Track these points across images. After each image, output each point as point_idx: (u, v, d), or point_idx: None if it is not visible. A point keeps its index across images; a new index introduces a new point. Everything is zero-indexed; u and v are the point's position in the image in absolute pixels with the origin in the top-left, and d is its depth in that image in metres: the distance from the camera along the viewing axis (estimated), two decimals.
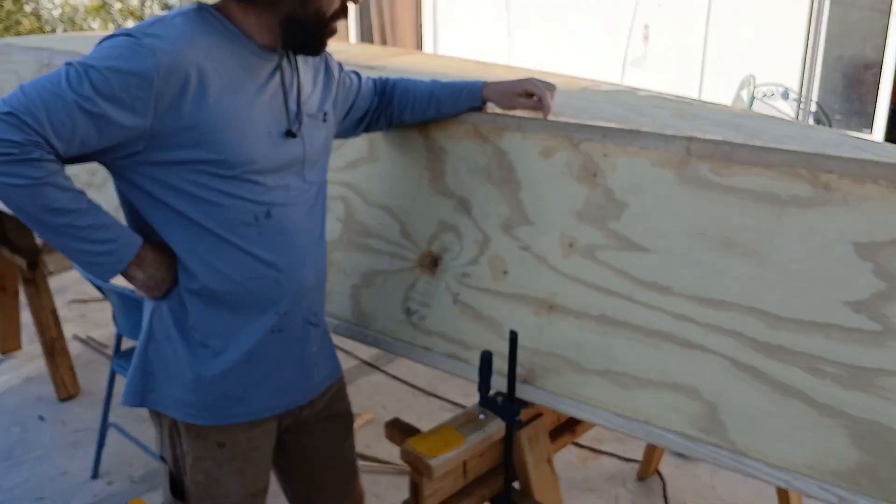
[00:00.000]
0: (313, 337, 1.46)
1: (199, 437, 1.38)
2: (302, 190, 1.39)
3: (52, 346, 3.09)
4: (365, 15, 7.33)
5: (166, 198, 1.27)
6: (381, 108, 1.67)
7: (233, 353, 1.35)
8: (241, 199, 1.29)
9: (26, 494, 2.57)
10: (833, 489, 1.17)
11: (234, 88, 1.26)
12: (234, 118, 1.26)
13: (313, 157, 1.42)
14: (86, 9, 9.35)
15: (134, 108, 1.17)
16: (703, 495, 2.51)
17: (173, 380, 1.36)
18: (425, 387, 3.22)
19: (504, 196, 1.58)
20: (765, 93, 4.78)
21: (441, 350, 1.58)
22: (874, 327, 1.18)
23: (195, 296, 1.33)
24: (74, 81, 1.14)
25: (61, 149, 1.15)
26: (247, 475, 1.44)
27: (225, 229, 1.29)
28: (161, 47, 1.17)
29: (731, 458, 1.25)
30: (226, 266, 1.31)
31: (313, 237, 1.43)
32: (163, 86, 1.17)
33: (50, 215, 1.17)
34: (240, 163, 1.27)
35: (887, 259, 1.19)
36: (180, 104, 1.20)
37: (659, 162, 1.41)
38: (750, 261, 1.29)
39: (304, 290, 1.41)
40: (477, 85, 1.63)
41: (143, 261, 1.29)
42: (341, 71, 1.57)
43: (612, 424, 1.36)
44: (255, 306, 1.35)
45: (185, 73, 1.19)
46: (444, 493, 1.48)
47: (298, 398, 1.47)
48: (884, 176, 1.22)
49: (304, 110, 1.38)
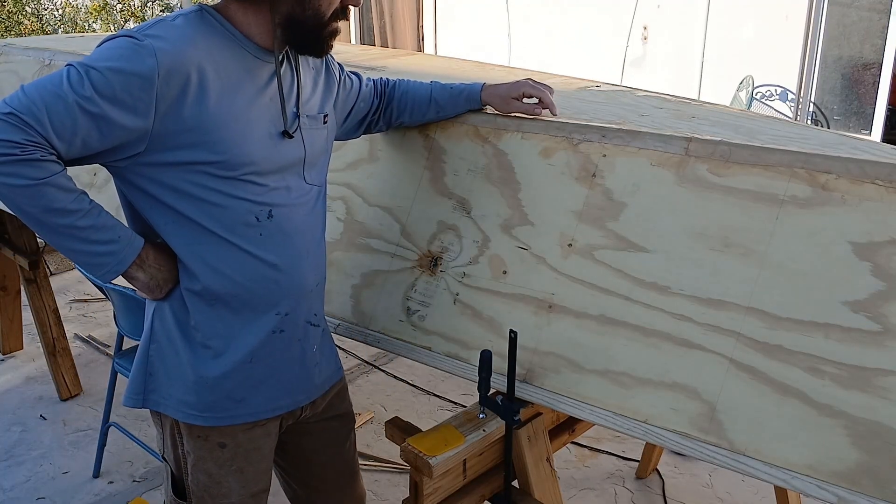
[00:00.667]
0: (314, 337, 1.47)
1: (201, 437, 1.39)
2: (303, 191, 1.39)
3: (54, 346, 3.09)
4: (365, 15, 7.33)
5: (167, 199, 1.27)
6: (380, 110, 1.67)
7: (234, 354, 1.36)
8: (242, 200, 1.30)
9: (27, 494, 2.57)
10: (832, 489, 1.17)
11: (234, 89, 1.26)
12: (235, 119, 1.26)
13: (314, 158, 1.42)
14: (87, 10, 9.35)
15: (135, 109, 1.17)
16: (702, 495, 2.52)
17: (175, 381, 1.36)
18: (425, 386, 3.23)
19: (504, 196, 1.58)
20: (763, 93, 4.78)
21: (441, 350, 1.58)
22: (873, 327, 1.19)
23: (197, 296, 1.33)
24: (76, 82, 1.14)
25: (63, 150, 1.16)
26: (248, 475, 1.44)
27: (226, 230, 1.30)
28: (162, 48, 1.17)
29: (730, 457, 1.25)
30: (227, 267, 1.31)
31: (314, 238, 1.43)
32: (164, 87, 1.17)
33: (51, 216, 1.17)
34: (240, 164, 1.27)
35: (886, 259, 1.20)
36: (181, 105, 1.20)
37: (658, 162, 1.42)
38: (749, 261, 1.30)
39: (305, 290, 1.41)
40: (475, 88, 1.64)
41: (145, 262, 1.29)
42: (342, 73, 1.58)
43: (611, 424, 1.36)
44: (256, 307, 1.36)
45: (186, 74, 1.19)
46: (443, 491, 1.48)
47: (300, 398, 1.47)
48: (882, 176, 1.22)
49: (303, 112, 1.39)
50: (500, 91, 1.61)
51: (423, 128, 1.72)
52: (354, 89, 1.60)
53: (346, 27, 7.38)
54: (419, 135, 1.73)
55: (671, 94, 2.02)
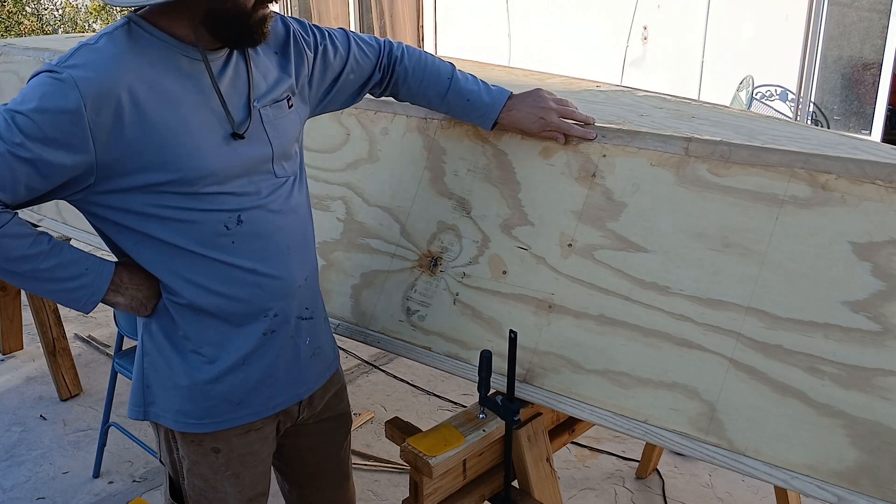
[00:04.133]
0: (306, 330, 1.43)
1: (194, 442, 1.37)
2: (274, 186, 1.33)
3: (54, 346, 3.09)
4: (365, 15, 7.34)
5: (132, 223, 1.23)
6: (383, 85, 1.58)
7: (227, 360, 1.33)
8: (208, 212, 1.25)
9: (27, 494, 2.57)
10: (832, 489, 1.17)
11: (174, 101, 1.20)
12: (182, 132, 1.19)
13: (284, 149, 1.35)
14: (87, 10, 9.35)
15: (71, 146, 1.12)
16: (702, 495, 2.52)
17: (169, 391, 1.34)
18: (425, 386, 3.23)
19: (504, 196, 1.58)
20: (763, 93, 4.78)
21: (441, 350, 1.58)
22: (873, 327, 1.19)
23: (183, 308, 1.30)
24: (3, 130, 1.10)
25: (8, 199, 1.13)
26: (244, 479, 1.43)
27: (197, 244, 1.25)
28: (84, 77, 1.12)
29: (730, 457, 1.25)
30: (206, 280, 1.28)
31: (296, 231, 1.37)
32: (94, 117, 1.12)
33: (12, 264, 1.16)
34: (197, 178, 1.21)
35: (886, 259, 1.20)
36: (119, 130, 1.15)
37: (658, 162, 1.42)
38: (748, 261, 1.30)
39: (293, 288, 1.37)
40: (495, 109, 1.55)
41: (120, 286, 1.27)
42: (321, 39, 1.46)
43: (611, 424, 1.36)
44: (243, 314, 1.32)
45: (116, 98, 1.14)
46: (443, 491, 1.48)
47: (299, 391, 1.45)
48: (882, 176, 1.22)
49: (263, 103, 1.30)
50: (522, 125, 1.54)
51: (423, 128, 1.72)
52: (339, 57, 1.48)
53: (347, 27, 7.39)
54: (419, 135, 1.73)
55: (671, 94, 2.02)
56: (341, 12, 7.49)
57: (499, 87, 1.57)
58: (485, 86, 1.57)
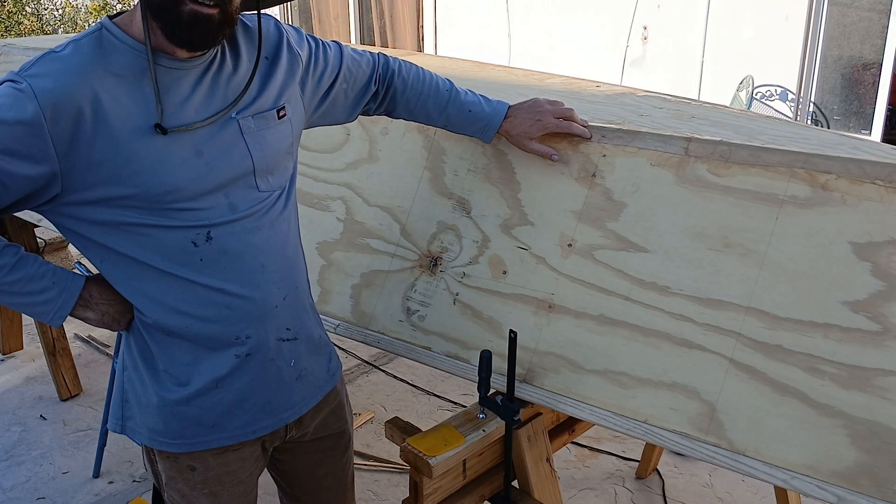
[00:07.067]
0: (289, 352, 1.35)
1: (170, 458, 1.34)
2: (253, 202, 1.26)
3: (54, 346, 3.09)
4: (365, 15, 7.33)
5: (97, 237, 1.19)
6: (378, 101, 1.54)
7: (197, 382, 1.28)
8: (174, 229, 1.19)
9: (27, 494, 2.57)
10: (832, 489, 1.17)
11: (140, 112, 1.14)
12: (146, 145, 1.14)
13: (269, 162, 1.28)
14: (87, 10, 9.35)
15: (32, 157, 1.09)
16: (702, 494, 2.52)
17: (144, 408, 1.31)
18: (425, 386, 3.23)
19: (504, 196, 1.58)
20: (763, 93, 4.78)
21: (441, 350, 1.58)
22: (873, 327, 1.19)
23: (151, 328, 1.26)
24: None
25: None
26: (223, 499, 1.38)
27: (163, 261, 1.21)
28: (43, 87, 1.08)
29: (730, 457, 1.25)
30: (172, 299, 1.23)
31: (274, 249, 1.30)
32: (54, 127, 1.09)
33: None
34: (161, 193, 1.16)
35: (885, 259, 1.20)
36: (80, 141, 1.11)
37: (658, 162, 1.42)
38: (748, 261, 1.30)
39: (267, 309, 1.29)
40: (497, 118, 1.53)
41: (90, 301, 1.25)
42: (314, 49, 1.41)
43: (610, 424, 1.36)
44: (212, 335, 1.26)
45: (76, 108, 1.10)
46: (443, 491, 1.48)
47: (284, 416, 1.38)
48: (882, 176, 1.22)
49: (235, 116, 1.24)
50: (520, 131, 1.52)
51: (423, 127, 1.72)
52: (332, 67, 1.43)
53: (347, 27, 7.39)
54: (419, 135, 1.73)
55: (671, 94, 2.02)
56: (341, 12, 7.49)
57: (497, 100, 1.57)
58: (484, 98, 1.56)
